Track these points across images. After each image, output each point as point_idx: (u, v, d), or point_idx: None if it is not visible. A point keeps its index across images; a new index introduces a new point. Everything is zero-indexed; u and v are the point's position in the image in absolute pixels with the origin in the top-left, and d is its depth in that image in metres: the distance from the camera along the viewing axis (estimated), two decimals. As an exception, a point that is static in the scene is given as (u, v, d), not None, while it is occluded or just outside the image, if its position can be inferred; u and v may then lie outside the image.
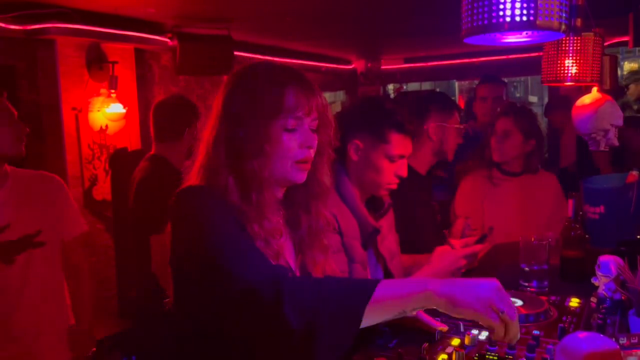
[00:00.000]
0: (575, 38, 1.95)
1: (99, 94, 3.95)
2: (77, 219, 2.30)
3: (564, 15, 1.24)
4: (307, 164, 1.30)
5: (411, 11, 3.86)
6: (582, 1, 1.84)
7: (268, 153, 1.24)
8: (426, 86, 9.19)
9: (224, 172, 1.23)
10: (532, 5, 1.20)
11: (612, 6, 2.45)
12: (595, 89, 2.25)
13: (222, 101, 1.28)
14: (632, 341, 1.15)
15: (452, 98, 3.51)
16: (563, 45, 1.96)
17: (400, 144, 1.82)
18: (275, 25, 4.25)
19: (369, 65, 6.53)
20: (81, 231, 2.30)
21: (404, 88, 7.76)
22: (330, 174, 1.40)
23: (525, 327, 1.45)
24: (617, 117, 2.23)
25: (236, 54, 4.25)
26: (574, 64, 1.97)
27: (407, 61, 6.51)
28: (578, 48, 1.95)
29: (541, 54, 2.05)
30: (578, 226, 1.95)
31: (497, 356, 1.31)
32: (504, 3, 1.21)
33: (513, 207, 2.67)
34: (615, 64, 2.29)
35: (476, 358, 1.26)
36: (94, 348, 2.31)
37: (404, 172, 1.86)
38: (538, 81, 4.12)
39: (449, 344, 1.35)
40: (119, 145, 4.15)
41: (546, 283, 1.85)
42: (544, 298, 1.69)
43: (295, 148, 1.26)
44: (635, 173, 2.19)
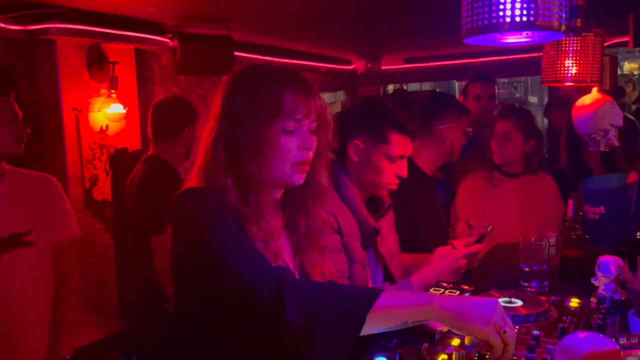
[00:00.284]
0: (575, 38, 1.95)
1: (99, 94, 3.95)
2: (71, 223, 2.25)
3: (564, 15, 1.24)
4: (306, 166, 1.30)
5: (411, 11, 3.86)
6: (582, 1, 1.84)
7: (267, 155, 1.24)
8: (426, 86, 9.16)
9: (223, 174, 1.24)
10: (532, 5, 1.20)
11: (612, 6, 2.45)
12: (595, 90, 2.25)
13: (222, 102, 1.28)
14: (632, 341, 1.15)
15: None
16: (563, 45, 1.96)
17: (400, 145, 1.82)
18: (275, 25, 4.25)
19: (369, 65, 6.52)
20: (73, 235, 2.25)
21: (404, 88, 7.75)
22: (328, 175, 1.40)
23: (525, 327, 1.45)
24: (617, 118, 2.23)
25: (236, 54, 4.25)
26: (574, 64, 1.97)
27: (407, 61, 6.50)
28: (578, 48, 1.95)
29: (541, 54, 2.05)
30: (578, 226, 1.95)
31: (497, 356, 1.31)
32: (504, 3, 1.21)
33: (513, 208, 2.68)
34: (615, 64, 2.28)
35: (476, 358, 1.26)
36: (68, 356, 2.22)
37: (404, 173, 1.86)
38: (538, 81, 4.12)
39: (449, 344, 1.35)
40: (120, 145, 4.15)
41: (546, 283, 1.84)
42: (544, 298, 1.68)
43: (294, 150, 1.27)
44: (635, 173, 2.20)
